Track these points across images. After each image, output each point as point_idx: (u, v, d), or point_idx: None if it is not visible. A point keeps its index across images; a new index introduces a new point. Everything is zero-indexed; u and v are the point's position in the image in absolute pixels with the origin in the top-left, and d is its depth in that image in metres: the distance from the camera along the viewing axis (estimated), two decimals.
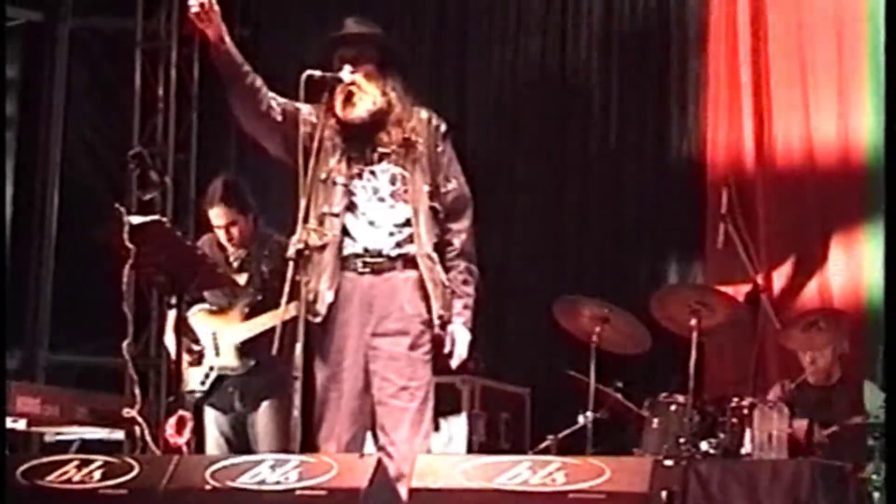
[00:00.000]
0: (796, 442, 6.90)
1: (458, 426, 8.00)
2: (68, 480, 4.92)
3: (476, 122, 9.45)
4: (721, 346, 8.22)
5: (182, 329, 6.09)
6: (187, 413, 6.23)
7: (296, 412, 5.12)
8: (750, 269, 8.16)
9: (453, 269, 5.54)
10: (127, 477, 4.88)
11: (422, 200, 5.49)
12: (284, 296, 5.16)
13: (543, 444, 7.57)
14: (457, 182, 5.60)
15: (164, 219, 6.34)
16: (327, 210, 5.45)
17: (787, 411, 6.99)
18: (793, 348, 7.70)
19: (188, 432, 6.17)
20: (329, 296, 5.41)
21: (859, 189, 8.28)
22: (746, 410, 6.90)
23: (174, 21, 9.94)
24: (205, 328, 6.64)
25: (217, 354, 6.62)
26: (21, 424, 7.11)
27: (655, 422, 7.12)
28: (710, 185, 8.62)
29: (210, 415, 6.69)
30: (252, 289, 6.61)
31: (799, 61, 8.58)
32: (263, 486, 4.74)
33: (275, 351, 5.21)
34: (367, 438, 5.51)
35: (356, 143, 5.53)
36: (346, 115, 5.50)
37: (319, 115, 5.46)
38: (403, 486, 5.00)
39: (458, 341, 5.48)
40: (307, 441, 5.32)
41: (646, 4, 9.12)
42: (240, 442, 6.64)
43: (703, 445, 6.90)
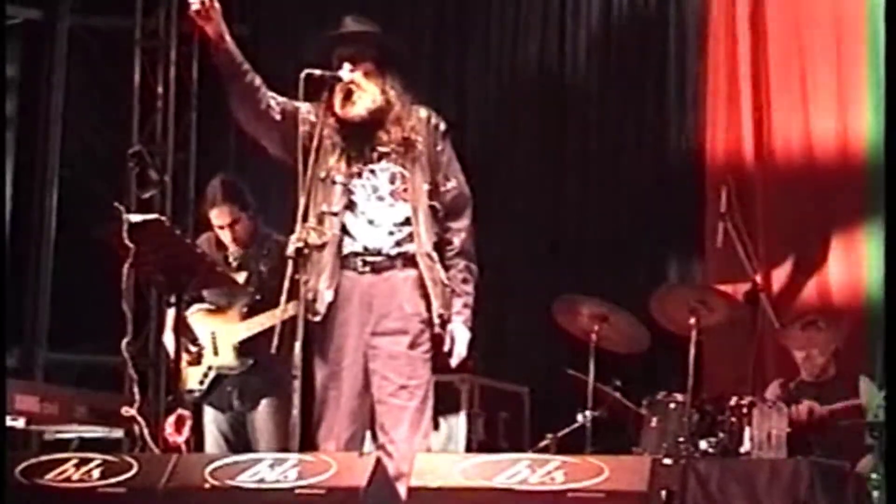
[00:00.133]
0: (799, 424, 6.92)
1: (457, 425, 8.00)
2: (67, 479, 4.92)
3: (475, 121, 9.44)
4: (720, 346, 8.21)
5: (181, 328, 6.09)
6: (186, 412, 6.24)
7: (295, 411, 5.11)
8: (749, 268, 8.16)
9: (453, 268, 5.54)
10: (126, 475, 4.88)
11: (421, 199, 5.48)
12: (283, 295, 5.16)
13: (542, 443, 7.56)
14: (456, 181, 5.59)
15: (163, 217, 6.34)
16: (326, 209, 5.45)
17: (787, 410, 7.00)
18: (792, 347, 7.69)
19: (187, 431, 6.18)
20: (328, 295, 5.41)
21: (858, 188, 8.27)
22: (745, 409, 6.90)
23: (173, 20, 9.93)
24: (203, 327, 6.63)
25: (216, 354, 6.61)
26: (20, 423, 7.11)
27: (654, 421, 7.12)
28: (710, 185, 8.61)
29: (209, 414, 6.68)
30: (251, 288, 6.61)
31: (798, 60, 8.58)
32: (262, 485, 4.74)
33: (274, 350, 5.22)
34: (367, 437, 5.51)
35: (355, 142, 5.52)
36: (345, 113, 5.49)
37: (318, 114, 5.46)
38: (403, 484, 5.00)
39: (457, 340, 5.48)
40: (306, 440, 5.32)
41: (645, 4, 9.11)
42: (239, 441, 6.62)
43: (702, 444, 6.90)
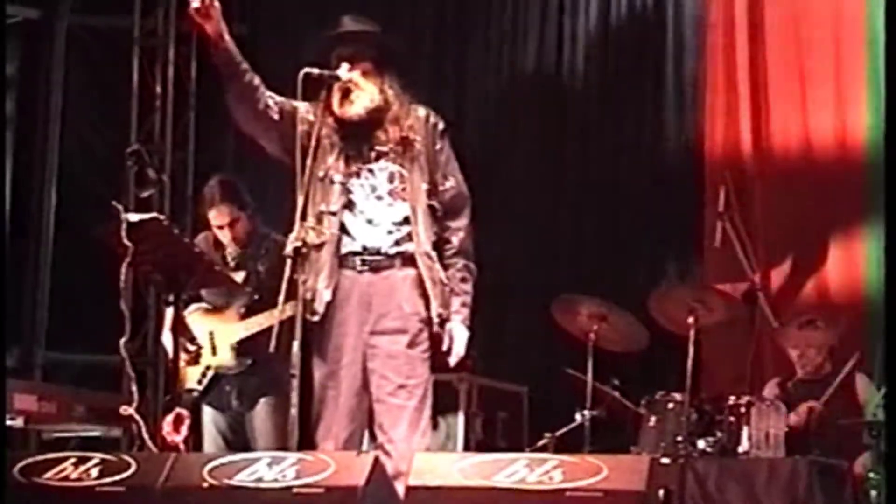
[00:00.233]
0: (799, 427, 6.93)
1: (456, 424, 8.00)
2: (65, 478, 4.92)
3: (474, 120, 9.45)
4: (718, 345, 8.21)
5: (179, 328, 6.09)
6: (185, 411, 6.23)
7: (293, 410, 5.11)
8: (747, 267, 8.17)
9: (451, 267, 5.53)
10: (124, 474, 4.87)
11: (420, 198, 5.48)
12: (282, 295, 5.15)
13: (541, 443, 7.56)
14: (455, 180, 5.59)
15: (161, 216, 6.33)
16: (325, 208, 5.44)
17: (785, 409, 7.00)
18: (788, 346, 7.69)
19: (185, 430, 6.17)
20: (327, 294, 5.41)
21: (857, 187, 8.27)
22: (744, 409, 6.91)
23: (172, 19, 9.94)
24: (202, 327, 6.63)
25: (214, 353, 6.60)
26: (18, 422, 7.11)
27: (653, 420, 7.12)
28: (708, 184, 8.62)
29: (208, 413, 6.68)
30: (249, 288, 6.60)
31: (796, 59, 8.58)
32: (261, 484, 4.74)
33: (272, 349, 5.22)
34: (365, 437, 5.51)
35: (354, 142, 5.52)
36: (343, 112, 5.49)
37: (317, 114, 5.45)
38: (401, 484, 5.00)
39: (456, 339, 5.47)
40: (305, 439, 5.31)
41: (643, 4, 9.11)
42: (237, 440, 6.62)
43: (701, 444, 6.90)
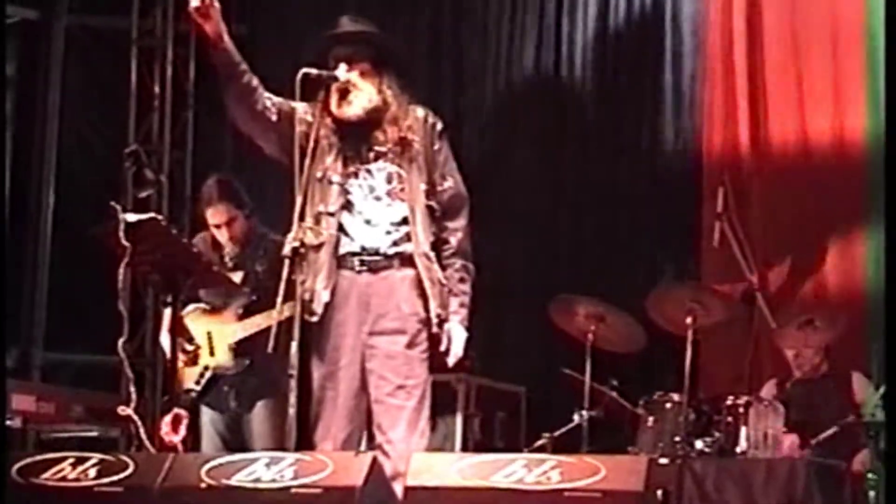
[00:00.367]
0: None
1: (454, 425, 8.00)
2: (64, 478, 4.92)
3: (472, 120, 9.44)
4: (716, 345, 8.20)
5: (177, 328, 6.08)
6: (183, 411, 6.23)
7: (291, 411, 5.11)
8: (746, 268, 8.16)
9: (450, 268, 5.54)
10: (122, 475, 4.87)
11: (418, 199, 5.48)
12: (280, 295, 5.15)
13: (539, 443, 7.56)
14: (453, 180, 5.59)
15: (159, 217, 6.34)
16: (323, 209, 5.44)
17: (783, 409, 7.00)
18: (785, 347, 7.69)
19: (183, 430, 6.17)
20: (325, 295, 5.41)
21: (855, 186, 8.26)
22: (742, 409, 6.90)
23: (170, 20, 9.95)
24: (200, 327, 6.63)
25: (212, 354, 6.59)
26: (17, 422, 7.11)
27: (651, 420, 7.12)
28: (707, 185, 8.61)
29: (206, 414, 6.67)
30: (247, 288, 6.60)
31: (794, 59, 8.57)
32: (259, 484, 4.74)
33: (270, 350, 5.21)
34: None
35: (352, 142, 5.52)
36: (341, 113, 5.49)
37: (315, 114, 5.46)
38: (399, 484, 5.00)
39: (454, 339, 5.47)
40: (303, 439, 5.31)
41: (642, 3, 9.11)
42: (235, 440, 6.62)
43: (699, 444, 6.90)
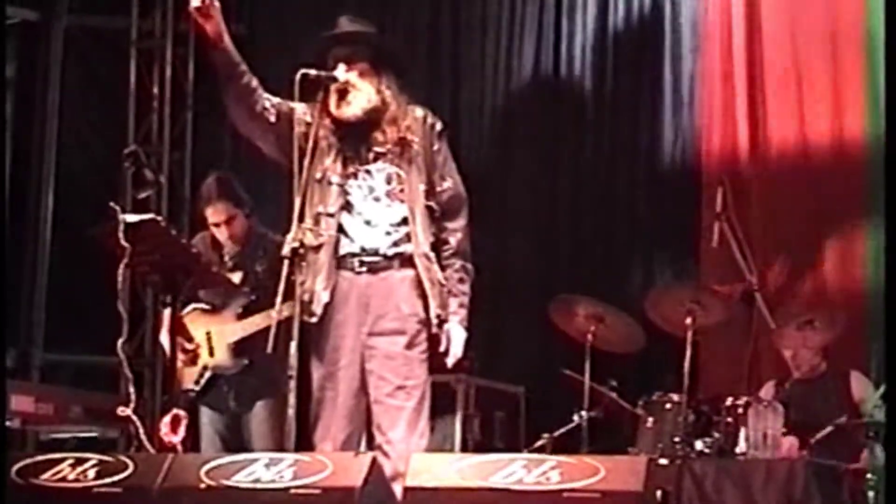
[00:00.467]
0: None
1: (454, 425, 8.00)
2: (63, 479, 4.92)
3: (471, 121, 9.44)
4: (716, 346, 8.20)
5: (176, 328, 6.08)
6: (182, 412, 6.23)
7: (291, 411, 5.11)
8: (745, 268, 8.15)
9: (449, 268, 5.54)
10: (121, 475, 4.88)
11: (418, 199, 5.48)
12: (279, 295, 5.15)
13: (538, 443, 7.55)
14: (452, 181, 5.59)
15: (158, 217, 6.34)
16: (323, 210, 5.45)
17: (782, 410, 7.00)
18: (784, 347, 7.68)
19: (183, 431, 6.17)
20: (325, 296, 5.41)
21: (854, 187, 8.24)
22: (741, 410, 6.89)
23: (169, 20, 9.96)
24: (199, 327, 6.63)
25: (211, 354, 6.60)
26: (16, 423, 7.11)
27: (650, 421, 7.12)
28: (706, 185, 8.59)
29: (205, 414, 6.67)
30: (246, 288, 6.60)
31: (794, 60, 8.56)
32: (258, 485, 4.74)
33: (269, 350, 5.21)
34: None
35: (351, 142, 5.52)
36: (340, 113, 5.49)
37: (314, 115, 5.46)
38: (399, 484, 5.00)
39: (453, 340, 5.48)
40: (303, 440, 5.31)
41: (640, 3, 9.11)
42: (235, 440, 6.62)
43: (698, 444, 6.89)
